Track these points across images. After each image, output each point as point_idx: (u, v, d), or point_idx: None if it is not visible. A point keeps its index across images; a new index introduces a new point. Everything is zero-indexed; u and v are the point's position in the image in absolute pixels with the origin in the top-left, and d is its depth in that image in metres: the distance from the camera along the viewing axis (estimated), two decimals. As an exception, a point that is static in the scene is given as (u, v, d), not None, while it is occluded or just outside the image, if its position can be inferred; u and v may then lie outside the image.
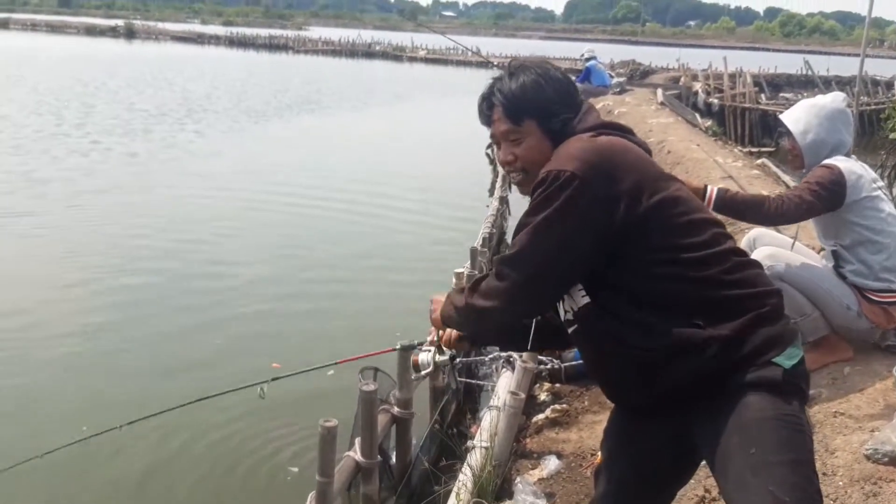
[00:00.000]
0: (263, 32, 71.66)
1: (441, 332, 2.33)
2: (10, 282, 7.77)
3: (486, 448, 3.86)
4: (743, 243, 3.61)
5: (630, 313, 1.84)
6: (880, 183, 3.47)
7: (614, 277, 1.85)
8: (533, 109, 2.00)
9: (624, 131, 2.01)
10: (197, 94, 25.08)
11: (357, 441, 3.79)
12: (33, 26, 78.54)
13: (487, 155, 15.62)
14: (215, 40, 66.83)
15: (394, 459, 4.35)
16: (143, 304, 7.32)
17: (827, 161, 3.37)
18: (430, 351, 2.42)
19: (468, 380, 5.38)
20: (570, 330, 2.01)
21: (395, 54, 58.07)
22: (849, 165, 3.37)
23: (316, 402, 5.20)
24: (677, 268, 1.82)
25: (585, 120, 2.00)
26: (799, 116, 3.47)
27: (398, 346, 3.36)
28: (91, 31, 73.67)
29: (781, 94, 25.84)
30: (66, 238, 9.17)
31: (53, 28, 76.62)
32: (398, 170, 15.35)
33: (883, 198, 3.40)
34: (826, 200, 3.30)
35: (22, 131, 16.35)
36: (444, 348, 2.37)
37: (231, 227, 10.11)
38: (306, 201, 11.60)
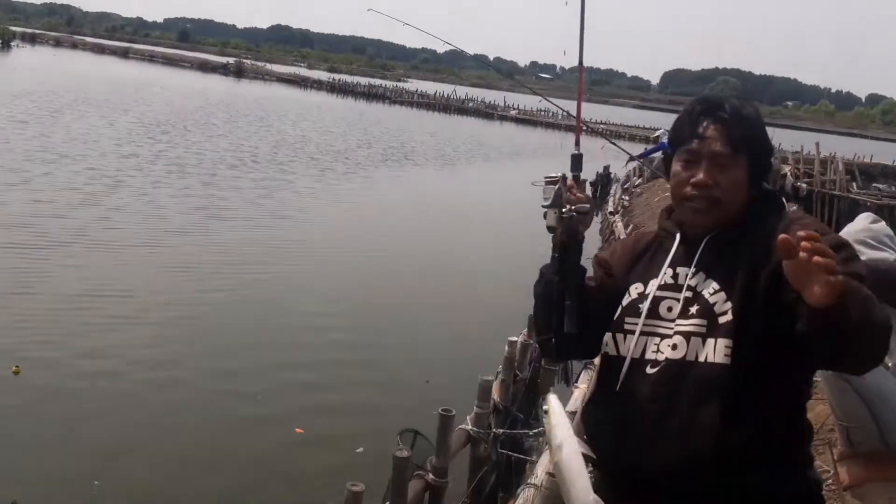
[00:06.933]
0: (363, 81, 73.61)
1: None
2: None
3: (518, 528, 3.68)
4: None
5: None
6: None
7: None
8: (753, 146, 1.83)
9: None
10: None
11: (387, 504, 3.75)
12: (151, 58, 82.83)
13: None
14: (317, 85, 69.19)
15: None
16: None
17: None
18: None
19: (510, 452, 5.19)
20: (652, 371, 1.78)
21: (486, 112, 58.50)
22: None
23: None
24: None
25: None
26: None
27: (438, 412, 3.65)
28: (204, 66, 77.21)
29: (874, 185, 24.81)
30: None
31: (170, 61, 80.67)
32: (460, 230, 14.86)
33: None
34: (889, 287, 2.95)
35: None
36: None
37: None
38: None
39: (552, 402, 1.75)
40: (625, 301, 1.89)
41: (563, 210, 1.87)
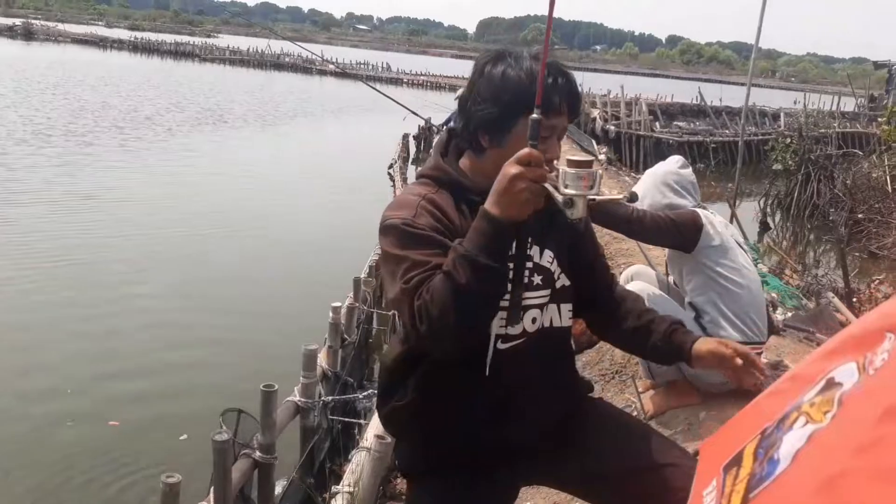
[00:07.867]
0: (169, 38, 69.45)
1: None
2: None
3: (350, 493, 3.75)
4: (622, 277, 3.67)
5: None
6: (739, 237, 3.54)
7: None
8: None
9: None
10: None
11: (212, 491, 3.54)
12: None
13: (389, 175, 15.06)
14: (118, 45, 64.94)
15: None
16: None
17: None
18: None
19: (340, 418, 5.15)
20: (505, 346, 1.76)
21: (304, 67, 56.56)
22: (706, 213, 3.44)
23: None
24: None
25: None
26: (640, 183, 3.61)
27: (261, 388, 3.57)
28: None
29: (675, 123, 26.75)
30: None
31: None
32: (287, 195, 14.61)
33: (738, 248, 3.44)
34: (678, 234, 3.32)
35: None
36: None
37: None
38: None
39: None
40: None
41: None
